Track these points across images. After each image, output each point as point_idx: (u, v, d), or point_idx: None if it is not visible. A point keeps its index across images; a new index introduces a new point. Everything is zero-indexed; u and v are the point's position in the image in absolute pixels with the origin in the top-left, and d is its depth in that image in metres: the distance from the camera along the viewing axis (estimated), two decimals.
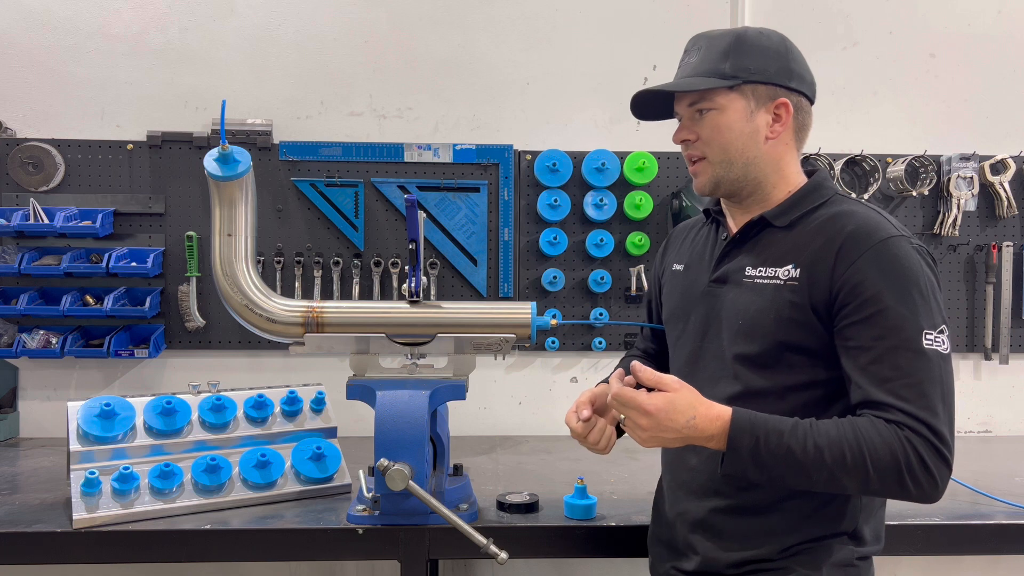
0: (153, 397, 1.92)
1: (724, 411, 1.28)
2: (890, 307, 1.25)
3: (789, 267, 1.34)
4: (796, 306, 1.32)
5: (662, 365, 1.67)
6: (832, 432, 1.24)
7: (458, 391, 1.74)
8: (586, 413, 1.52)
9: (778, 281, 1.34)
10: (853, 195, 2.73)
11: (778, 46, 1.40)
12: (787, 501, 1.35)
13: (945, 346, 1.27)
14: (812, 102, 1.44)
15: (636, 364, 1.33)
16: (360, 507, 1.74)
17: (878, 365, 1.24)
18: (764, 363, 1.35)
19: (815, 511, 1.35)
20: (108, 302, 2.58)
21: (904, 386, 1.23)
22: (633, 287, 2.78)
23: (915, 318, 1.25)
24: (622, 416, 1.31)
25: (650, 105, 1.47)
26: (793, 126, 1.41)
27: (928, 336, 1.25)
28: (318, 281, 2.73)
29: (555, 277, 2.76)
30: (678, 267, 1.57)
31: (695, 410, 1.27)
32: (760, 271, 1.38)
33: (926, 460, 1.21)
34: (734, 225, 1.47)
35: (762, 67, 1.37)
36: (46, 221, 2.59)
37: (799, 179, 1.44)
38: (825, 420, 1.27)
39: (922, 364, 1.23)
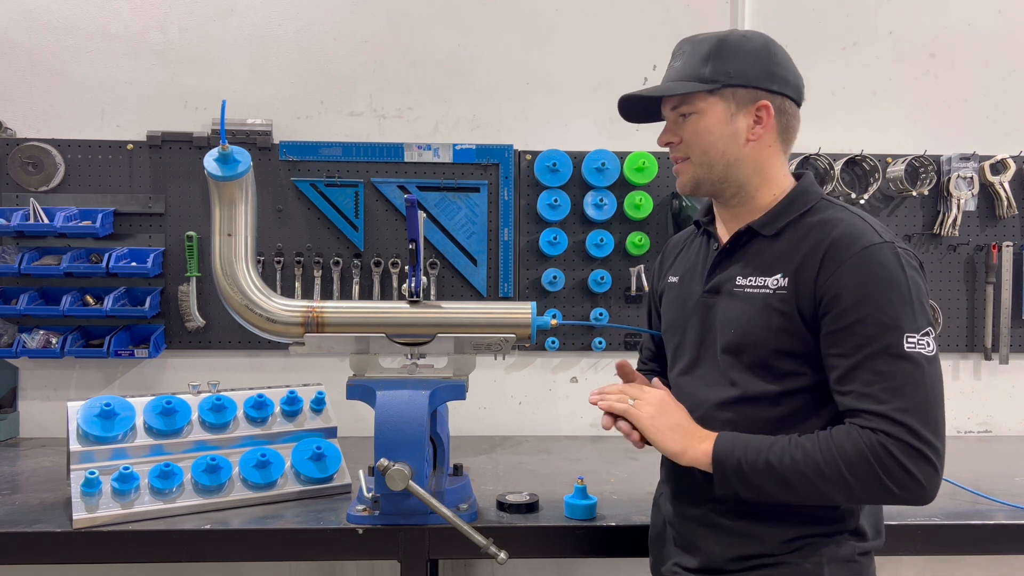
0: (153, 397, 1.92)
1: (710, 433, 1.38)
2: (870, 315, 1.25)
3: (778, 276, 1.35)
4: (785, 315, 1.33)
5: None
6: (808, 444, 1.27)
7: (458, 391, 1.74)
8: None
9: (767, 291, 1.36)
10: (852, 194, 2.75)
11: (760, 49, 1.40)
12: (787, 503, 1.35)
13: (930, 348, 1.26)
14: (798, 104, 1.45)
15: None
16: (360, 507, 1.74)
17: (858, 371, 1.25)
18: (757, 370, 1.37)
19: (814, 510, 1.35)
20: (108, 302, 2.58)
21: (884, 390, 1.23)
22: (633, 287, 2.78)
23: (895, 323, 1.25)
24: (631, 400, 1.44)
25: (641, 109, 1.50)
26: (776, 128, 1.41)
27: (910, 339, 1.24)
28: (318, 281, 2.73)
29: (555, 277, 2.76)
30: (673, 279, 1.59)
31: (686, 414, 1.43)
32: (750, 280, 1.39)
33: (902, 461, 1.21)
34: (724, 235, 1.49)
35: (742, 71, 1.38)
36: (46, 221, 2.59)
37: (786, 182, 1.45)
38: (807, 435, 1.30)
39: (903, 367, 1.23)
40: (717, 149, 1.40)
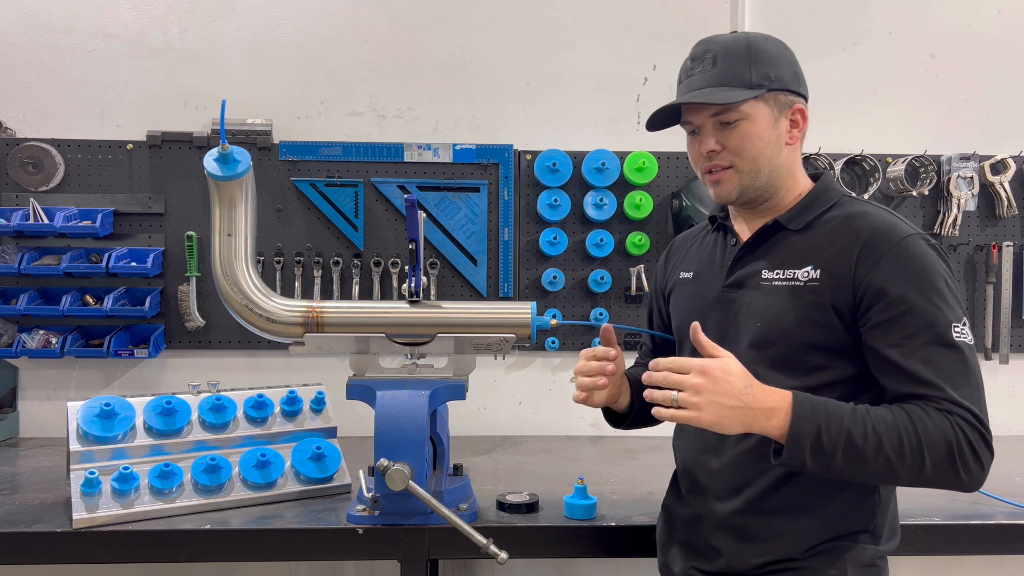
0: (153, 397, 1.92)
1: (784, 392, 1.25)
2: (917, 305, 1.26)
3: (808, 268, 1.35)
4: (817, 307, 1.33)
5: None
6: (888, 418, 1.24)
7: (458, 391, 1.74)
8: (613, 352, 1.52)
9: (798, 283, 1.35)
10: (852, 194, 2.74)
11: (787, 52, 1.42)
12: (808, 501, 1.35)
13: (970, 338, 1.29)
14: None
15: (696, 325, 1.29)
16: (360, 507, 1.74)
17: (913, 360, 1.25)
18: (784, 364, 1.35)
19: (837, 510, 1.35)
20: (108, 302, 2.58)
21: (944, 377, 1.24)
22: (633, 287, 2.78)
23: (942, 314, 1.26)
24: (675, 394, 1.23)
25: (663, 114, 1.46)
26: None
27: (956, 329, 1.26)
28: (318, 281, 2.73)
29: (555, 277, 2.76)
30: (686, 275, 1.57)
31: (751, 379, 1.25)
32: (778, 273, 1.38)
33: (975, 447, 1.23)
34: (744, 231, 1.48)
35: (780, 74, 1.38)
36: (46, 221, 2.59)
37: (805, 182, 1.46)
38: (881, 407, 1.26)
39: (956, 356, 1.25)
40: (765, 155, 1.39)
